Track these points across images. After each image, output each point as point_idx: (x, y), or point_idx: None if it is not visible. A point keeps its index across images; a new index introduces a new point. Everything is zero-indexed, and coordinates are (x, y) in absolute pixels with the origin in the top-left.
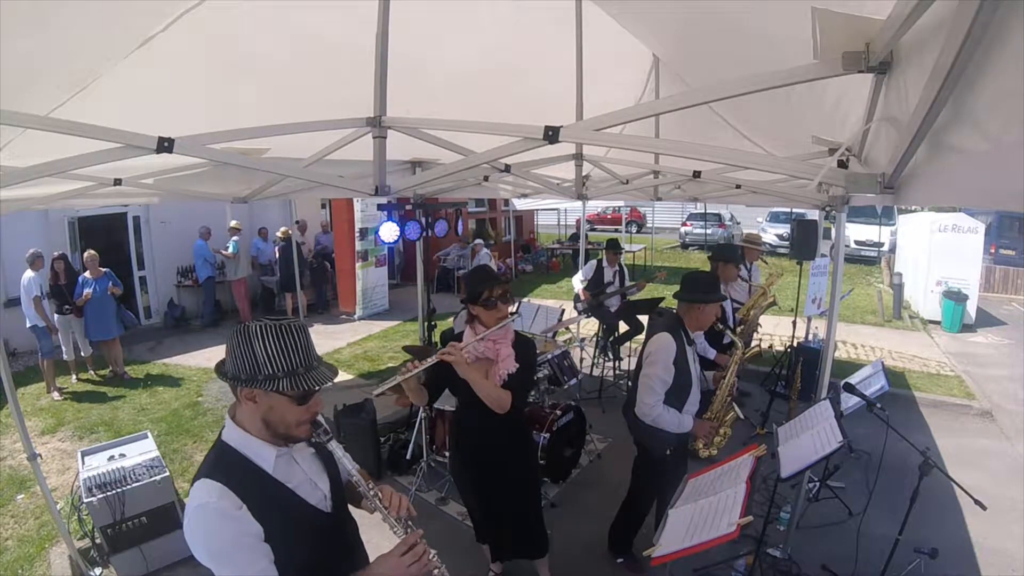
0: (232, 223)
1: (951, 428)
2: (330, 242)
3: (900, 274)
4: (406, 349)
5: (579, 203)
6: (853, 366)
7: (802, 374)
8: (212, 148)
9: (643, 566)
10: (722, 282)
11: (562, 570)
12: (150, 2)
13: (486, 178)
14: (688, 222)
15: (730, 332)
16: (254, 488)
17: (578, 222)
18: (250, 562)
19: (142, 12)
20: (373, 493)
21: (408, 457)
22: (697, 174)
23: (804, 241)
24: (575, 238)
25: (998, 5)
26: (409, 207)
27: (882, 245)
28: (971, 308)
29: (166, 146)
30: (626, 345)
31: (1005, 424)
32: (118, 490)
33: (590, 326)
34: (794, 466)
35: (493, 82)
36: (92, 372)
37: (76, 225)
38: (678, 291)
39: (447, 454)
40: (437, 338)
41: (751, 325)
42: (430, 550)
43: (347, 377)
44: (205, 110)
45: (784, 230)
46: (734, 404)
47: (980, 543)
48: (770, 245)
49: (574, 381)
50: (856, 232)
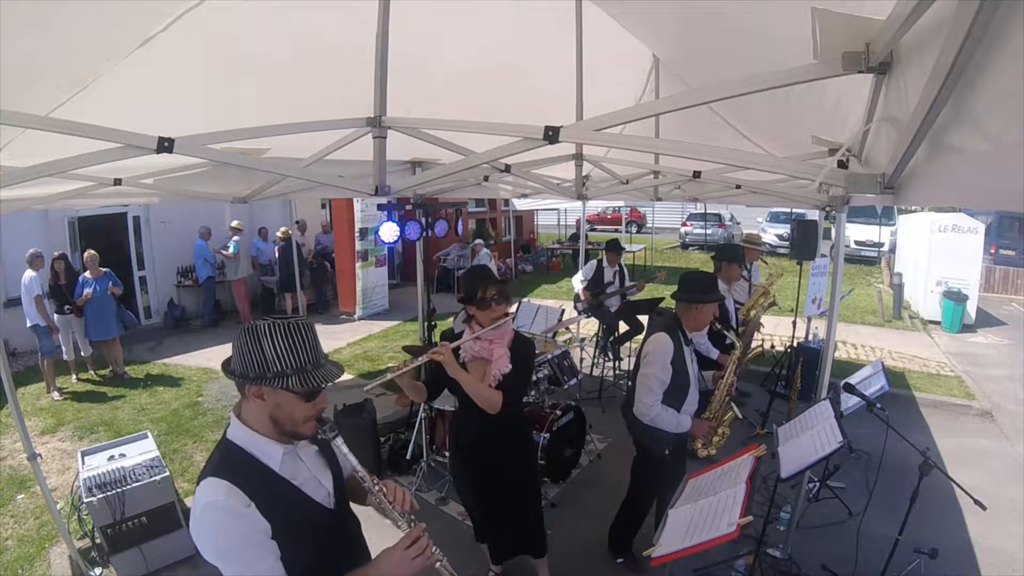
0: (234, 223)
1: (951, 428)
2: (330, 242)
3: (900, 274)
4: (406, 349)
5: (579, 203)
6: (853, 366)
7: (802, 374)
8: (212, 148)
9: (643, 566)
10: (725, 282)
11: (562, 570)
12: (150, 2)
13: (486, 178)
14: (688, 222)
15: (729, 332)
16: (261, 486)
17: (578, 222)
18: (258, 559)
19: (142, 12)
20: (378, 488)
21: (408, 457)
22: (697, 174)
23: (804, 241)
24: (575, 238)
25: (998, 5)
26: (409, 207)
27: (882, 245)
28: (971, 308)
29: (166, 146)
30: (626, 345)
31: (1005, 424)
32: (118, 490)
33: (590, 326)
34: (794, 466)
35: (493, 82)
36: (92, 372)
37: (76, 225)
38: (675, 291)
39: (447, 454)
40: (437, 338)
41: (753, 325)
42: (432, 544)
43: (347, 377)
44: (205, 110)
45: (784, 230)
46: (732, 404)
47: (980, 543)
48: (770, 245)
49: (574, 381)
50: (856, 232)
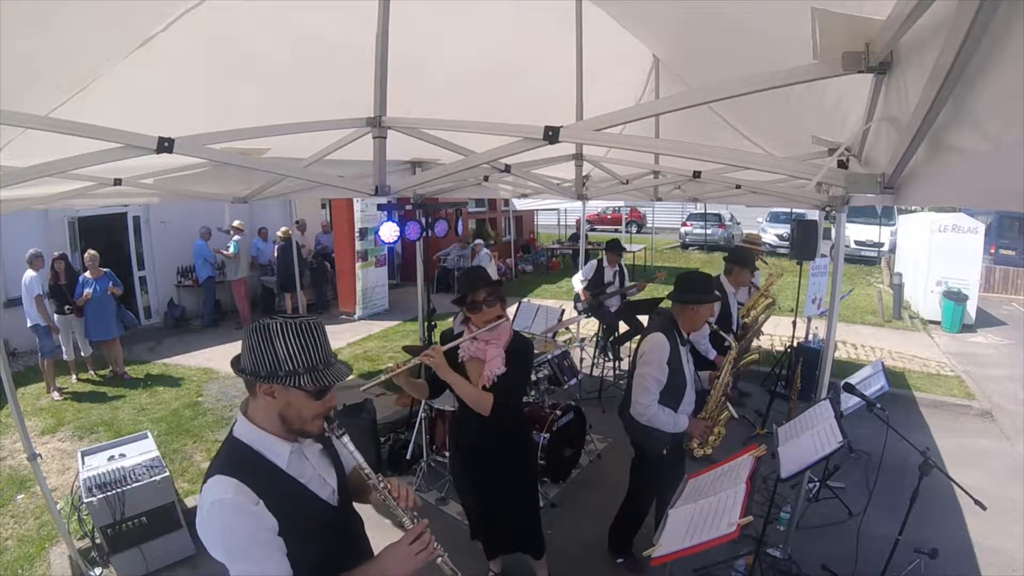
0: (235, 223)
1: (951, 428)
2: (330, 242)
3: (900, 274)
4: (406, 349)
5: (579, 203)
6: (853, 366)
7: (802, 374)
8: (212, 148)
9: (643, 566)
10: (734, 286)
11: (562, 570)
12: (150, 2)
13: (486, 178)
14: (688, 222)
15: (728, 336)
16: (268, 483)
17: (578, 222)
18: (266, 557)
19: (142, 12)
20: (383, 485)
21: (408, 457)
22: (697, 174)
23: (804, 241)
24: (575, 238)
25: (998, 5)
26: (409, 207)
27: (882, 245)
28: (971, 308)
29: (166, 146)
30: (626, 345)
31: (1005, 424)
32: (118, 490)
33: (590, 326)
34: (794, 466)
35: (493, 82)
36: (92, 372)
37: (76, 225)
38: (672, 291)
39: (447, 454)
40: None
41: (754, 331)
42: (435, 540)
43: (348, 377)
44: (205, 110)
45: (784, 230)
46: (728, 404)
47: (980, 543)
48: (770, 245)
49: (574, 381)
50: (856, 232)
